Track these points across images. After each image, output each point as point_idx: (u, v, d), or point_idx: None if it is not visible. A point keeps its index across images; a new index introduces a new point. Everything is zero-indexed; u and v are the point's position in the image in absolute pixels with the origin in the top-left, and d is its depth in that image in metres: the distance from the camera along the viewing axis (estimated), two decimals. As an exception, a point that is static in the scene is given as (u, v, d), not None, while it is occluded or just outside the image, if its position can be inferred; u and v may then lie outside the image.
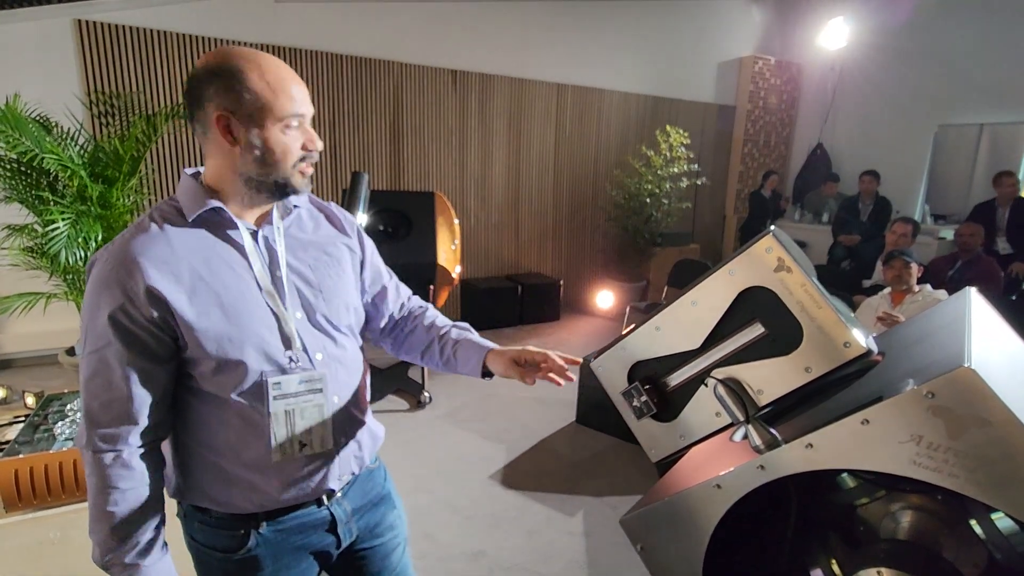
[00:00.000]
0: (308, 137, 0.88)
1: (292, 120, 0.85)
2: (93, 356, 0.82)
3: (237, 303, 0.86)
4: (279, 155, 0.85)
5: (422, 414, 3.36)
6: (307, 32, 4.19)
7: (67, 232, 2.66)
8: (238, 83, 0.81)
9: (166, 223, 0.86)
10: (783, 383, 0.92)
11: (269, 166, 0.85)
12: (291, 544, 0.96)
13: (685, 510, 1.03)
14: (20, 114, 2.70)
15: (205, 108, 0.83)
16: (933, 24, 5.83)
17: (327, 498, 0.98)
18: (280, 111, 0.83)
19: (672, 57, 6.09)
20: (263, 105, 0.82)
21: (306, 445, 0.92)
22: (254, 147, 0.84)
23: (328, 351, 0.96)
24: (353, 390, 1.01)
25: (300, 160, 0.88)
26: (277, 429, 0.89)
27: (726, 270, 0.95)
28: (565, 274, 5.85)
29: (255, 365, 0.87)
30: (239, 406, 0.88)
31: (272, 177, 0.86)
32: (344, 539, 1.02)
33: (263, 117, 0.83)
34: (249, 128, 0.83)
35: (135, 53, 3.68)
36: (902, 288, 2.89)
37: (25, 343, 3.74)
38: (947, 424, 0.77)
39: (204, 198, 0.87)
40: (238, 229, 0.89)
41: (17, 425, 1.74)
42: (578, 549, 2.20)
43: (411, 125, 4.75)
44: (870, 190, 5.29)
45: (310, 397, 0.92)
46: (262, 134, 0.83)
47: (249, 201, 0.90)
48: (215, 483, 0.91)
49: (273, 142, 0.84)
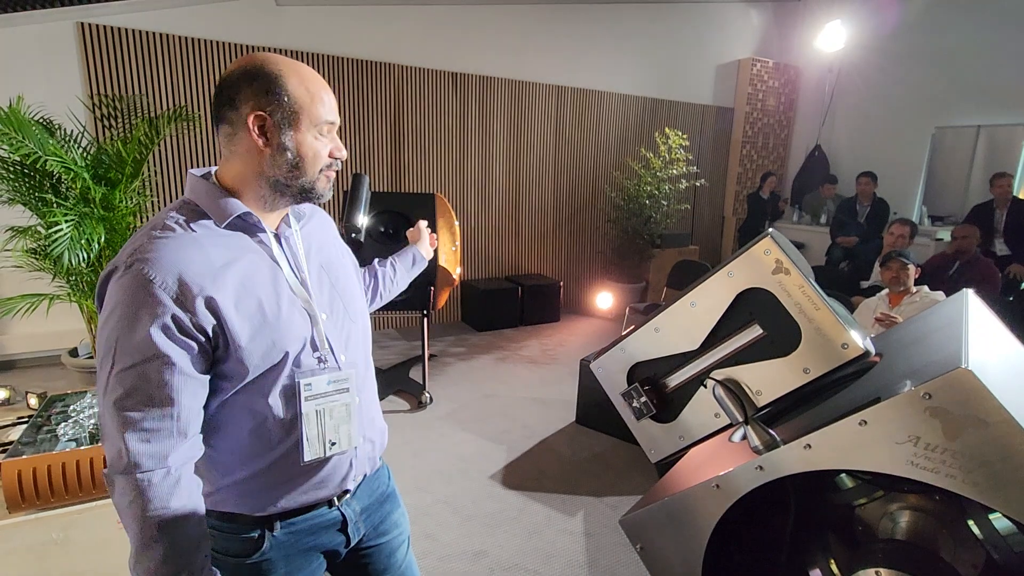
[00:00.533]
0: (335, 145, 0.91)
1: (324, 127, 0.88)
2: (130, 372, 0.75)
3: (275, 307, 0.87)
4: (309, 159, 0.87)
5: (423, 414, 3.37)
6: (308, 35, 4.21)
7: (70, 234, 2.66)
8: (278, 86, 0.84)
9: (194, 228, 0.83)
10: (781, 384, 0.93)
11: (298, 169, 0.87)
12: (303, 545, 0.96)
13: (684, 510, 1.04)
14: (24, 117, 2.70)
15: (239, 109, 0.83)
16: (930, 26, 5.85)
17: (338, 499, 0.99)
18: (316, 116, 0.86)
19: (671, 60, 6.10)
20: (300, 109, 0.85)
21: (335, 443, 0.94)
22: (286, 149, 0.85)
23: (350, 350, 0.98)
24: (370, 389, 1.04)
25: (326, 166, 0.90)
26: (308, 430, 0.90)
27: (725, 272, 0.96)
28: (565, 275, 5.86)
29: (289, 367, 0.88)
30: (270, 409, 0.88)
31: (300, 181, 0.88)
32: (353, 538, 1.03)
33: (299, 121, 0.85)
34: (284, 130, 0.85)
35: (138, 56, 3.70)
36: (900, 289, 2.90)
37: (28, 344, 3.74)
38: (944, 425, 0.78)
39: (233, 202, 0.86)
40: (265, 232, 0.90)
41: (20, 426, 1.75)
42: (578, 549, 2.21)
43: (412, 127, 4.76)
44: (867, 192, 5.30)
45: (338, 397, 0.93)
46: (296, 137, 0.86)
47: (270, 204, 0.90)
48: (237, 488, 0.90)
49: (306, 146, 0.87)
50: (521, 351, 4.55)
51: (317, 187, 0.90)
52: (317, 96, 0.86)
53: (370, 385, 1.05)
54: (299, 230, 0.96)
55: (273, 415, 0.88)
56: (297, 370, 0.89)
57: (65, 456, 1.42)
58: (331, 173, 0.92)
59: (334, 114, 0.89)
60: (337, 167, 0.92)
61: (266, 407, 0.87)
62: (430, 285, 3.35)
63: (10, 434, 1.71)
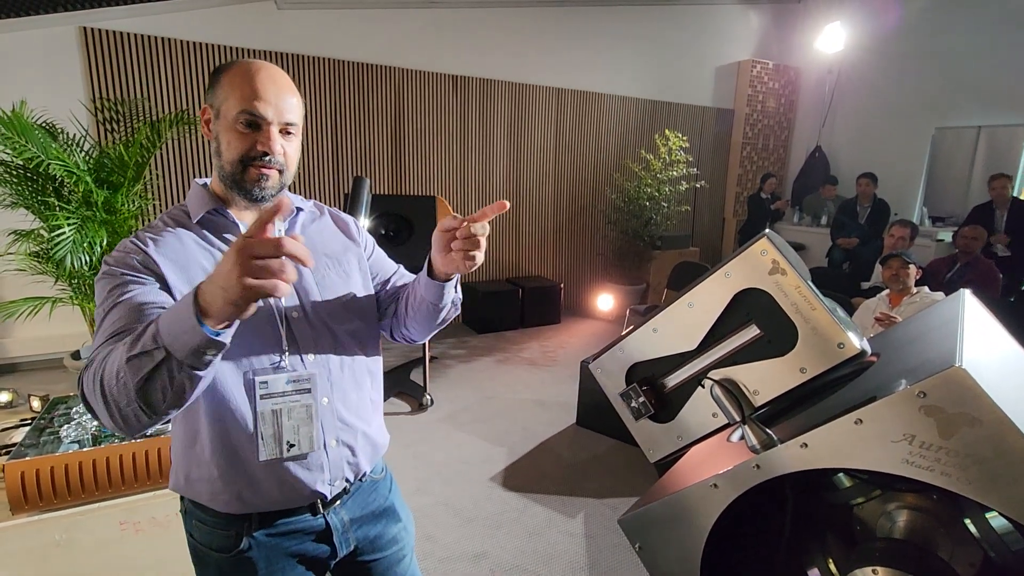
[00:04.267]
0: (262, 138, 0.89)
1: (242, 117, 0.87)
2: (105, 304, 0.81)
3: None
4: (224, 149, 0.90)
5: (423, 416, 3.37)
6: (310, 38, 4.23)
7: (72, 237, 2.68)
8: (219, 78, 0.89)
9: (175, 223, 0.92)
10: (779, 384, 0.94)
11: (221, 158, 0.90)
12: (284, 549, 0.96)
13: (682, 509, 1.04)
14: (26, 121, 2.72)
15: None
16: (930, 27, 5.86)
17: (322, 506, 0.98)
18: (233, 107, 0.88)
19: (671, 61, 6.12)
20: (224, 100, 0.88)
21: (293, 445, 0.92)
22: (215, 139, 0.91)
23: (323, 352, 0.96)
24: (348, 394, 1.00)
25: (251, 160, 0.89)
26: (264, 428, 0.90)
27: (722, 272, 0.97)
28: (565, 277, 5.87)
29: (245, 364, 0.89)
30: (228, 405, 0.88)
31: (226, 171, 0.91)
32: (340, 549, 1.01)
33: (221, 111, 0.89)
34: (215, 121, 0.90)
35: (140, 60, 3.72)
36: (899, 288, 2.90)
37: (31, 347, 3.76)
38: (939, 423, 0.78)
39: (207, 200, 0.93)
40: (239, 230, 0.93)
41: (23, 428, 1.76)
42: (579, 550, 2.21)
43: (412, 130, 4.78)
44: (868, 193, 5.30)
45: (298, 397, 0.92)
46: (219, 127, 0.89)
47: (236, 201, 0.95)
48: (208, 480, 0.91)
49: (224, 136, 0.89)
50: (522, 353, 4.55)
51: (244, 181, 0.90)
52: (245, 87, 0.87)
53: (350, 389, 1.00)
54: (283, 229, 0.97)
55: (231, 410, 0.89)
56: (256, 368, 0.90)
57: (68, 458, 1.43)
58: (265, 170, 0.90)
59: (262, 107, 0.87)
60: (272, 165, 0.90)
61: (226, 402, 0.89)
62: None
63: (13, 436, 1.72)
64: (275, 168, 0.91)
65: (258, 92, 0.87)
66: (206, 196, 0.94)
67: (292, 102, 0.91)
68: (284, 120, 0.90)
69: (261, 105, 0.87)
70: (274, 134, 0.89)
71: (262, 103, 0.87)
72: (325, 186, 4.52)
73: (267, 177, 0.90)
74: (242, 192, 0.92)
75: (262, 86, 0.88)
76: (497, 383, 3.92)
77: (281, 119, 0.90)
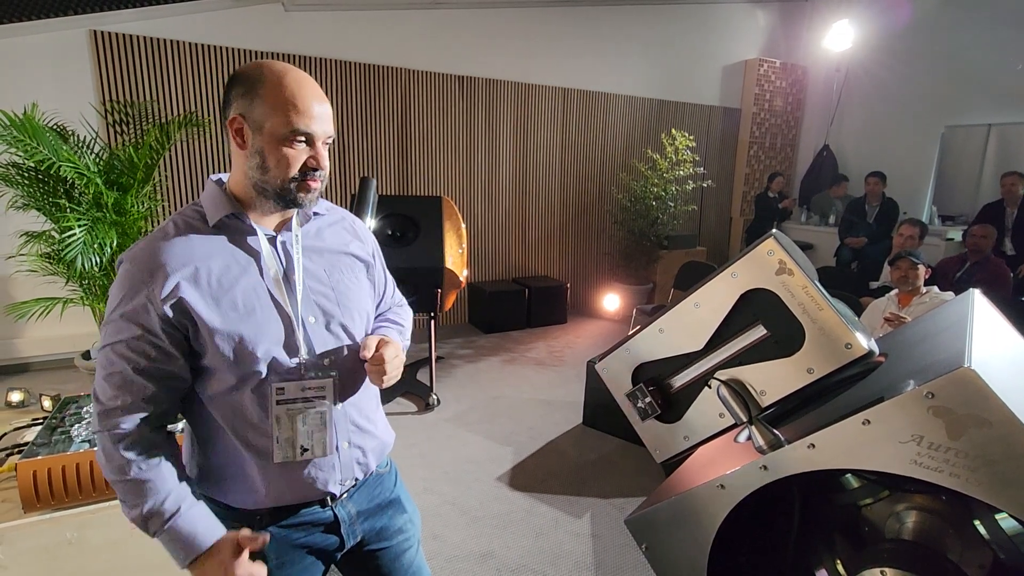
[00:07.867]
0: (314, 155, 0.89)
1: (296, 136, 0.87)
2: (107, 350, 0.87)
3: (252, 307, 0.89)
4: (273, 166, 0.88)
5: (430, 416, 3.38)
6: (316, 40, 4.25)
7: (83, 238, 2.70)
8: (255, 90, 0.86)
9: (189, 228, 0.90)
10: (786, 384, 0.93)
11: (267, 174, 0.88)
12: (294, 540, 0.98)
13: (689, 510, 1.04)
14: (38, 123, 2.75)
15: (227, 111, 0.89)
16: (939, 25, 5.81)
17: (331, 499, 1.00)
18: (284, 124, 0.86)
19: (677, 61, 6.10)
20: (269, 115, 0.85)
21: (307, 450, 0.94)
22: (257, 154, 0.88)
23: (338, 358, 0.97)
24: (359, 397, 1.02)
25: (302, 176, 0.89)
26: (279, 432, 0.91)
27: (728, 272, 0.97)
28: (572, 277, 5.86)
29: (263, 368, 0.90)
30: (245, 408, 0.91)
31: (270, 186, 0.89)
32: (348, 540, 1.03)
33: (266, 127, 0.86)
34: (255, 135, 0.87)
35: (149, 63, 3.75)
36: (908, 289, 2.88)
37: (42, 347, 3.80)
38: (947, 424, 0.78)
39: (225, 204, 0.91)
40: (256, 235, 0.92)
41: (35, 427, 1.78)
42: (585, 550, 2.21)
43: (419, 131, 4.79)
44: (876, 192, 5.26)
45: (313, 403, 0.93)
46: (263, 142, 0.87)
47: (263, 207, 0.93)
48: (223, 478, 0.94)
49: (274, 153, 0.87)
50: (528, 353, 4.55)
51: (292, 195, 0.90)
52: (291, 104, 0.85)
53: (362, 391, 1.03)
54: (300, 234, 0.97)
55: (249, 414, 0.91)
56: (273, 373, 0.91)
57: (79, 457, 1.44)
58: (313, 183, 0.91)
59: (315, 125, 0.88)
60: (319, 177, 0.91)
61: (243, 405, 0.91)
62: (437, 287, 3.37)
63: (25, 435, 1.74)
64: (321, 179, 0.93)
65: (308, 110, 0.87)
66: (223, 198, 0.92)
67: (330, 113, 0.92)
68: (328, 134, 0.91)
69: (313, 124, 0.87)
70: (324, 150, 0.91)
71: (313, 121, 0.87)
72: (332, 186, 4.54)
73: (315, 189, 0.92)
74: (286, 203, 0.91)
75: (309, 103, 0.87)
76: (503, 383, 3.92)
77: (327, 134, 0.91)
